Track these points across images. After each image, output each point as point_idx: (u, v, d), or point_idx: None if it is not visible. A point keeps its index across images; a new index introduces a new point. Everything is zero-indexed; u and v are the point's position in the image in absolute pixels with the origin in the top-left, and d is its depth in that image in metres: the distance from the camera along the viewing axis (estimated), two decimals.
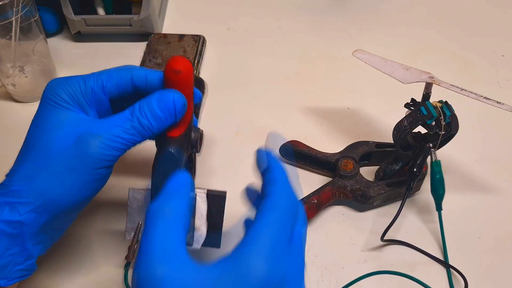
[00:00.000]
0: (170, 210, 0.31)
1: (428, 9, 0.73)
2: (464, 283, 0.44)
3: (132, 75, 0.39)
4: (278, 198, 0.32)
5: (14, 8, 0.53)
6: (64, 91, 0.38)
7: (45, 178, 0.35)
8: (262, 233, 0.30)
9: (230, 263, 0.29)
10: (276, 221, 0.31)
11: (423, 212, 0.49)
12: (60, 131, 0.36)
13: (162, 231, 0.30)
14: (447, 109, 0.44)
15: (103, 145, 0.35)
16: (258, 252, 0.29)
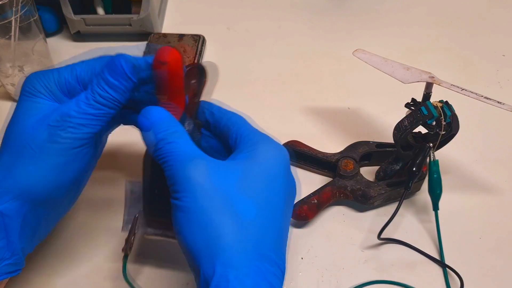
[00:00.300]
0: (174, 133, 0.34)
1: (429, 9, 0.73)
2: (460, 283, 0.44)
3: (107, 63, 0.39)
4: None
5: (14, 8, 0.53)
6: (39, 83, 0.38)
7: (21, 166, 0.35)
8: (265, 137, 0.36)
9: (252, 150, 0.35)
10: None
11: (423, 212, 0.49)
12: (33, 119, 0.36)
13: (178, 141, 0.34)
14: (447, 109, 0.44)
15: (71, 124, 0.35)
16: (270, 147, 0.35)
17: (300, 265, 0.45)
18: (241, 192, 0.32)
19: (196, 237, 0.31)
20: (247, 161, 0.34)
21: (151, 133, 0.34)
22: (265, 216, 0.32)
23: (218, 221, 0.31)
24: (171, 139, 0.34)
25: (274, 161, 0.35)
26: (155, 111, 0.35)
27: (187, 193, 0.31)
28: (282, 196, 0.34)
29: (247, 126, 0.38)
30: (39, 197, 0.36)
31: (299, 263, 0.46)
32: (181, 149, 0.33)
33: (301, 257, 0.46)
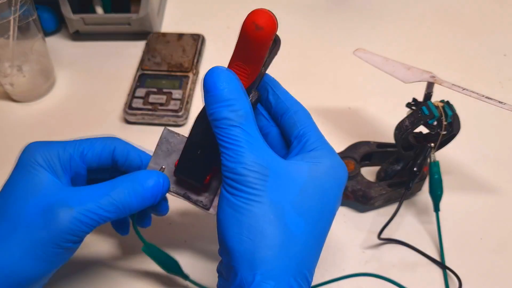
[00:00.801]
0: (245, 112, 0.31)
1: (430, 8, 0.72)
2: (458, 284, 0.43)
3: (115, 148, 0.39)
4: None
5: (12, 7, 0.52)
6: (41, 155, 0.36)
7: (8, 249, 0.33)
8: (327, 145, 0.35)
9: (316, 162, 0.33)
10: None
11: (423, 212, 0.49)
12: (30, 199, 0.34)
13: (247, 132, 0.31)
14: (448, 108, 0.43)
15: (73, 220, 0.33)
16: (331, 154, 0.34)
17: None
18: (297, 207, 0.31)
19: (243, 240, 0.30)
20: (310, 174, 0.32)
21: (214, 100, 0.31)
22: (313, 234, 0.32)
23: (269, 232, 0.30)
24: (238, 122, 0.31)
25: (335, 181, 0.33)
26: (227, 77, 0.32)
27: (244, 194, 0.30)
28: (332, 217, 0.33)
29: (314, 129, 0.36)
30: (18, 284, 0.33)
31: None
32: (248, 140, 0.31)
33: None
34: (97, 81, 0.64)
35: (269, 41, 0.33)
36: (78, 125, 0.59)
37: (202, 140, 0.35)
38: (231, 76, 0.32)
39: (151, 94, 0.58)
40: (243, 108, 0.31)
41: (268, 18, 0.32)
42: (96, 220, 0.34)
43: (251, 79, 0.34)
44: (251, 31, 0.32)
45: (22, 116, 0.60)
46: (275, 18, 0.33)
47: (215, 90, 0.31)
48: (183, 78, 0.60)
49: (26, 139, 0.57)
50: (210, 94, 0.32)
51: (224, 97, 0.31)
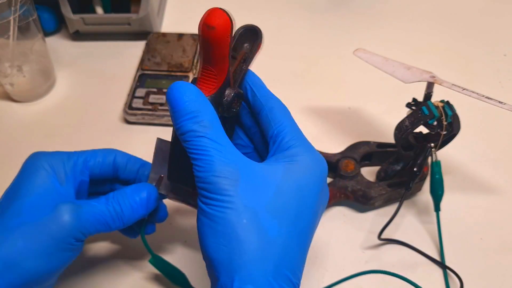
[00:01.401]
0: (208, 122, 0.32)
1: (430, 8, 0.72)
2: (459, 284, 0.43)
3: (115, 157, 0.41)
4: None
5: (12, 7, 0.52)
6: (46, 161, 0.37)
7: (12, 241, 0.34)
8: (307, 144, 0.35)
9: (291, 160, 0.33)
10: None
11: (424, 212, 0.49)
12: (37, 197, 0.36)
13: (213, 140, 0.31)
14: (448, 108, 0.43)
15: (81, 216, 0.35)
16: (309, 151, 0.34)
17: None
18: (271, 209, 0.31)
19: (219, 248, 0.30)
20: (284, 175, 0.32)
21: (178, 116, 0.32)
22: (291, 236, 0.31)
23: (244, 237, 0.30)
24: (204, 132, 0.31)
25: (311, 177, 0.33)
26: (187, 90, 0.32)
27: (216, 202, 0.30)
28: (312, 215, 0.33)
29: (290, 126, 0.35)
30: (22, 279, 0.34)
31: None
32: (215, 148, 0.31)
33: None
34: (97, 81, 0.64)
35: (224, 39, 0.32)
36: (78, 125, 0.59)
37: (181, 150, 0.35)
38: (191, 89, 0.32)
39: (151, 94, 0.58)
40: (207, 118, 0.32)
41: (219, 17, 0.32)
42: (98, 222, 0.36)
43: (221, 79, 0.34)
44: (204, 32, 0.32)
45: (22, 116, 0.60)
46: (228, 16, 0.32)
47: (177, 105, 0.32)
48: (183, 78, 0.60)
49: (26, 139, 0.57)
50: (173, 110, 0.32)
51: (187, 111, 0.31)
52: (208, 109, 0.32)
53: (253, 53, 0.37)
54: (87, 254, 0.46)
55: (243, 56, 0.37)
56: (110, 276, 0.45)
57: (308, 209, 0.33)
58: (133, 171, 0.41)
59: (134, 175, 0.41)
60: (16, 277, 0.33)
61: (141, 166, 0.42)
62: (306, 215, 0.32)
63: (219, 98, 0.35)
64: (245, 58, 0.37)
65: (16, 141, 0.57)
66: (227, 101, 0.35)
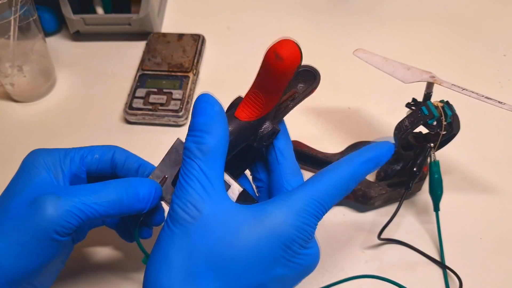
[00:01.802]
0: (207, 148, 0.30)
1: (430, 9, 0.72)
2: (458, 284, 0.43)
3: (114, 153, 0.40)
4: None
5: (13, 7, 0.52)
6: (43, 158, 0.37)
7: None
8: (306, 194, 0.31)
9: (269, 208, 0.30)
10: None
11: (423, 212, 0.49)
12: (21, 193, 0.34)
13: (201, 168, 0.30)
14: (448, 109, 0.44)
15: (59, 209, 0.32)
16: (296, 211, 0.31)
17: None
18: (212, 259, 0.29)
19: (153, 272, 0.30)
20: (249, 227, 0.30)
21: (190, 128, 0.31)
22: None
23: (174, 277, 0.29)
24: (196, 155, 0.31)
25: (276, 240, 0.30)
26: (208, 107, 0.31)
27: (168, 230, 0.30)
28: (261, 281, 0.30)
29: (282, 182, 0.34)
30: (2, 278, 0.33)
31: None
32: (198, 178, 0.30)
33: None
34: (97, 81, 0.64)
35: (289, 73, 0.31)
36: (79, 125, 0.59)
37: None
38: (213, 107, 0.31)
39: (151, 94, 0.58)
40: (209, 143, 0.30)
41: (291, 50, 0.30)
42: (84, 211, 0.33)
43: (266, 110, 0.33)
44: (271, 60, 0.30)
45: (23, 116, 0.60)
46: (299, 51, 0.31)
47: (192, 118, 0.31)
48: (184, 78, 0.60)
49: (27, 139, 0.57)
50: (191, 121, 0.31)
51: (196, 128, 0.31)
52: (219, 134, 0.31)
53: (305, 95, 0.36)
54: (79, 260, 0.46)
55: (293, 94, 0.35)
56: (101, 283, 0.45)
57: (260, 274, 0.30)
58: (132, 170, 0.40)
59: (133, 174, 0.40)
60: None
61: (140, 165, 0.40)
62: (254, 279, 0.30)
63: (256, 127, 0.34)
64: (294, 97, 0.35)
65: (16, 141, 0.57)
66: (263, 133, 0.34)
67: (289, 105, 0.35)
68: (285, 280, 0.31)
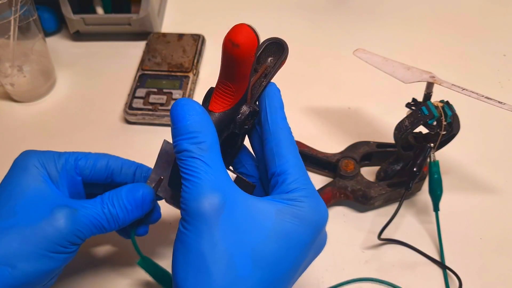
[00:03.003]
0: (206, 145, 0.31)
1: (429, 9, 0.72)
2: (458, 284, 0.43)
3: (109, 160, 0.40)
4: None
5: (13, 7, 0.52)
6: (37, 159, 0.37)
7: (8, 242, 0.33)
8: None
9: (288, 204, 0.31)
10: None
11: (423, 212, 0.49)
12: (31, 197, 0.35)
13: (208, 164, 0.31)
14: (448, 109, 0.44)
15: (77, 220, 0.35)
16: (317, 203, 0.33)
17: None
18: (249, 249, 0.30)
19: (188, 277, 0.30)
20: (276, 218, 0.31)
21: (177, 133, 0.31)
22: (264, 281, 0.30)
23: (214, 271, 0.29)
24: (199, 154, 0.31)
25: (306, 228, 0.31)
26: (191, 109, 0.31)
27: (195, 229, 0.30)
28: (294, 266, 0.31)
29: (295, 166, 0.33)
30: (11, 280, 0.34)
31: None
32: (207, 172, 0.30)
33: None
34: (97, 81, 0.64)
35: (248, 58, 0.31)
36: (79, 125, 0.59)
37: None
38: (196, 108, 0.31)
39: (151, 94, 0.58)
40: (206, 140, 0.31)
41: (245, 34, 0.30)
42: (94, 224, 0.35)
43: (238, 96, 0.33)
44: (228, 49, 0.30)
45: (23, 116, 0.60)
46: (254, 34, 0.30)
47: (178, 123, 0.31)
48: (183, 78, 0.60)
49: (27, 139, 0.57)
50: (174, 127, 0.31)
51: (186, 130, 0.31)
52: (210, 131, 0.31)
53: (276, 68, 0.36)
54: (76, 259, 0.46)
55: (265, 70, 0.36)
56: (97, 282, 0.45)
57: (292, 259, 0.31)
58: (130, 174, 0.41)
59: (131, 177, 0.41)
60: (10, 278, 0.33)
61: (137, 168, 0.41)
62: (287, 265, 0.31)
63: (232, 115, 0.34)
64: (267, 73, 0.36)
65: (16, 141, 0.57)
66: (241, 118, 0.34)
67: (262, 82, 0.35)
68: (317, 251, 0.35)
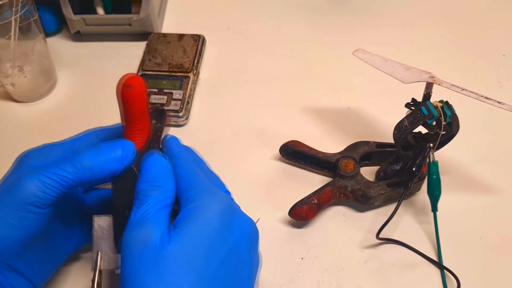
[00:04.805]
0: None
1: (429, 9, 0.73)
2: (456, 284, 0.44)
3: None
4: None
5: (13, 8, 0.53)
6: (37, 157, 0.38)
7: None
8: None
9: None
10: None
11: (423, 212, 0.49)
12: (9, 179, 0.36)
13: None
14: (447, 109, 0.44)
15: (33, 180, 0.34)
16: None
17: (300, 265, 0.45)
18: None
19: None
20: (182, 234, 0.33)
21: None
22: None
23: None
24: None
25: (212, 223, 0.34)
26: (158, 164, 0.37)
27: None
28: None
29: (189, 176, 0.37)
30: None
31: (299, 263, 0.46)
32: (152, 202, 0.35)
33: (301, 257, 0.46)
34: (98, 81, 0.64)
35: (142, 94, 0.38)
36: (79, 125, 0.58)
37: (126, 201, 0.37)
38: (164, 165, 0.37)
39: (152, 94, 0.58)
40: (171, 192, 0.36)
41: (134, 77, 0.38)
42: (56, 180, 0.35)
43: (145, 134, 0.39)
44: (124, 91, 0.37)
45: (24, 116, 0.60)
46: (139, 76, 0.38)
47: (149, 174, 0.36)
48: (184, 78, 0.60)
49: (28, 139, 0.57)
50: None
51: (148, 176, 0.36)
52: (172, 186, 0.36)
53: (162, 128, 0.43)
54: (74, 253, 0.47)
55: (156, 133, 0.42)
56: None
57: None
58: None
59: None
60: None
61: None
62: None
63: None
64: (158, 134, 0.42)
65: (17, 141, 0.57)
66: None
67: (156, 143, 0.41)
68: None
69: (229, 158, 0.54)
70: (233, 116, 0.59)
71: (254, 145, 0.56)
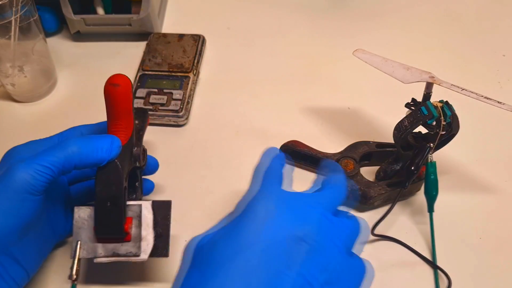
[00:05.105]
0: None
1: (429, 9, 0.72)
2: (447, 283, 0.44)
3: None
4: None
5: (14, 8, 0.53)
6: (24, 151, 0.40)
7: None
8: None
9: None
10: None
11: (421, 212, 0.49)
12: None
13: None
14: (447, 109, 0.44)
15: (24, 169, 0.36)
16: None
17: None
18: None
19: None
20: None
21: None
22: None
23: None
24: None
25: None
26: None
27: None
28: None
29: None
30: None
31: None
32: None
33: None
34: (98, 81, 0.63)
35: (128, 93, 0.40)
36: (79, 125, 0.59)
37: (108, 193, 0.38)
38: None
39: (151, 94, 0.58)
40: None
41: (120, 77, 0.40)
42: (47, 166, 0.36)
43: (129, 131, 0.41)
44: (111, 90, 0.39)
45: (24, 116, 0.60)
46: (126, 76, 0.40)
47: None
48: (184, 78, 0.60)
49: (28, 139, 0.57)
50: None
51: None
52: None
53: (144, 128, 0.45)
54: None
55: (138, 130, 0.45)
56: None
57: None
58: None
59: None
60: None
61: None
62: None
63: (129, 150, 0.41)
64: (140, 132, 0.44)
65: (17, 141, 0.57)
66: (137, 152, 0.42)
67: (139, 141, 0.43)
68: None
69: (229, 158, 0.54)
70: (233, 116, 0.59)
71: (254, 145, 0.56)
